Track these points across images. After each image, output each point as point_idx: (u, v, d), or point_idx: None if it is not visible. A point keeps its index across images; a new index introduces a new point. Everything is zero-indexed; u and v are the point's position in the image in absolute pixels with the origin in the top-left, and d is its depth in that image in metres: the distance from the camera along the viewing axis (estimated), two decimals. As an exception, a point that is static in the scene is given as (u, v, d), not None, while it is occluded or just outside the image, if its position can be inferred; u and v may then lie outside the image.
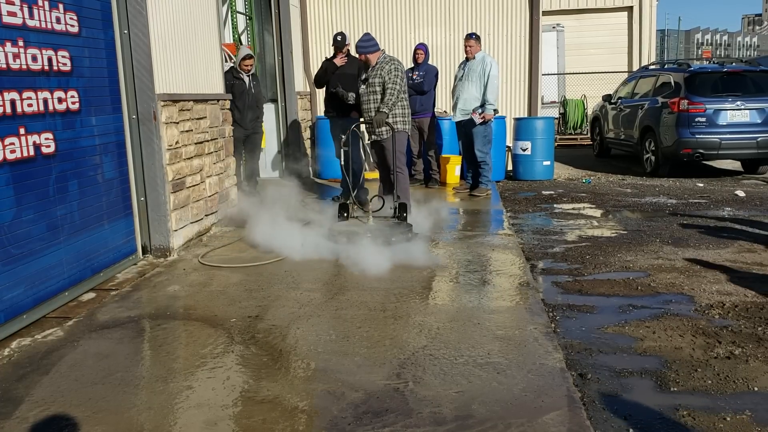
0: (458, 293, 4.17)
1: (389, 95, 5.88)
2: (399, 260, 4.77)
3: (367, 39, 6.07)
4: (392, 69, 5.94)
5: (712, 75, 9.89)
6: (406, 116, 6.13)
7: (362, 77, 6.27)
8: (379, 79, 5.99)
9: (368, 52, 6.02)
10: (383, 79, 5.96)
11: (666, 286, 4.48)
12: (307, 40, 10.55)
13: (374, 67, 6.04)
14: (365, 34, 6.17)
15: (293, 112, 9.52)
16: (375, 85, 6.03)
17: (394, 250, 4.91)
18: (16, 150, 3.65)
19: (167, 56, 5.21)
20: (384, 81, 5.95)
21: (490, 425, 2.55)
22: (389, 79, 5.91)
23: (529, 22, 10.50)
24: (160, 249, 5.17)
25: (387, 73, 5.94)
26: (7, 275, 3.60)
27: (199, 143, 5.76)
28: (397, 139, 6.05)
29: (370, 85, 6.07)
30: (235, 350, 3.35)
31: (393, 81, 5.91)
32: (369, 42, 6.04)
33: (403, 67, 6.15)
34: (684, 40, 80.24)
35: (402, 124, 6.07)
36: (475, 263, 4.89)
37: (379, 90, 6.00)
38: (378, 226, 5.31)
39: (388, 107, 5.88)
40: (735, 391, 2.97)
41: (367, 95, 6.10)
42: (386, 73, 5.95)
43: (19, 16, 3.69)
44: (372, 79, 6.05)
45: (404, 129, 6.13)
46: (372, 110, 6.05)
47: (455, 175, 8.87)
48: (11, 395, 2.91)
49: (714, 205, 7.46)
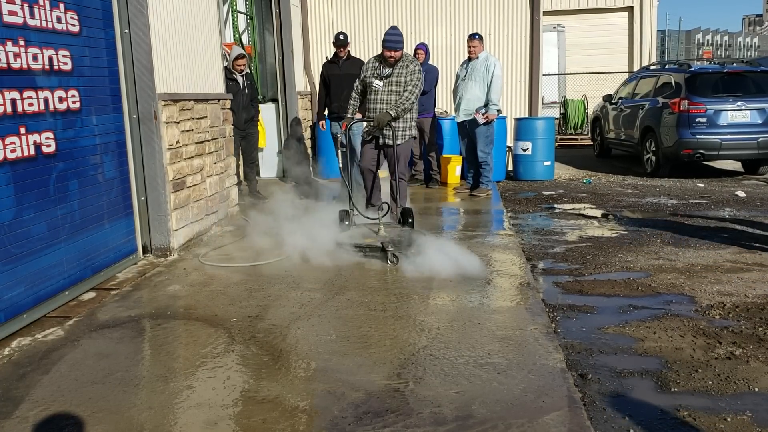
0: (458, 293, 4.17)
1: (406, 99, 5.65)
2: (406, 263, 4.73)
3: (398, 33, 5.72)
4: (416, 71, 5.73)
5: (713, 75, 9.89)
6: (414, 120, 6.02)
7: (379, 72, 5.86)
8: (403, 78, 5.70)
9: (401, 48, 5.71)
10: (406, 79, 5.69)
11: (666, 287, 4.48)
12: (308, 40, 10.55)
13: (400, 65, 5.75)
14: (393, 27, 5.82)
15: (293, 111, 9.53)
16: (399, 84, 5.74)
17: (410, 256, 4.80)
18: (16, 149, 3.65)
19: (168, 55, 5.21)
20: (406, 82, 5.69)
21: (491, 425, 2.55)
22: (411, 81, 5.67)
23: (529, 22, 10.51)
24: (161, 248, 5.16)
25: (410, 73, 5.70)
26: (7, 274, 3.60)
27: (200, 143, 5.76)
28: (408, 145, 5.96)
29: (392, 84, 5.74)
30: (236, 350, 3.35)
31: (414, 85, 5.69)
32: (397, 36, 5.70)
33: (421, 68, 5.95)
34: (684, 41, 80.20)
35: (412, 129, 5.96)
36: (474, 264, 4.88)
37: (400, 90, 5.74)
38: (392, 235, 5.13)
39: (399, 110, 5.65)
40: (735, 391, 2.97)
41: (386, 94, 5.78)
42: (410, 73, 5.70)
43: (20, 16, 3.69)
44: (396, 77, 5.74)
45: (413, 135, 6.04)
46: (386, 109, 5.76)
47: (456, 175, 8.87)
48: (11, 394, 2.91)
49: (714, 206, 7.46)
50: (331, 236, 5.24)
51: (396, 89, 5.74)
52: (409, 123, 5.89)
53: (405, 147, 5.95)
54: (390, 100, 5.77)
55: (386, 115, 5.65)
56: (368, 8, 10.86)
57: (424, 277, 4.47)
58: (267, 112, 9.31)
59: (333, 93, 7.74)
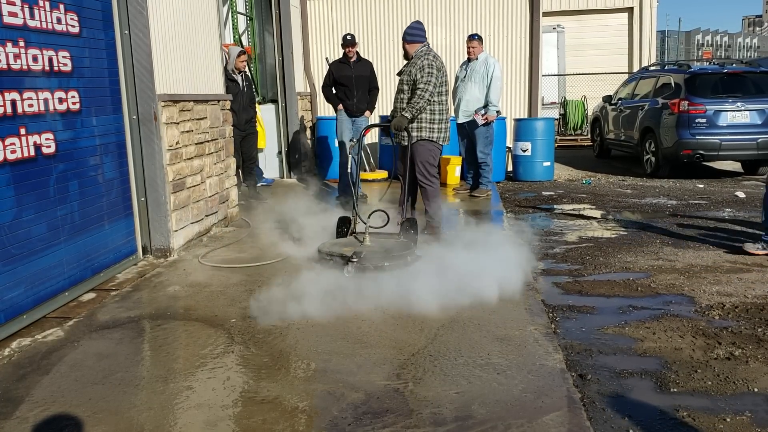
0: (458, 294, 4.17)
1: (419, 97, 5.17)
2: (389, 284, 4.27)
3: (413, 26, 5.39)
4: (425, 66, 5.21)
5: (713, 76, 9.90)
6: (435, 122, 5.35)
7: (402, 69, 5.55)
8: (409, 76, 5.32)
9: (405, 40, 5.38)
10: (414, 76, 5.26)
11: (666, 287, 4.48)
12: (308, 41, 10.56)
13: (410, 60, 5.38)
14: (415, 22, 5.49)
15: (293, 112, 9.53)
16: (403, 82, 5.36)
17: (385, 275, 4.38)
18: (16, 150, 3.65)
19: (168, 56, 5.21)
20: (415, 79, 5.26)
21: (490, 426, 2.55)
22: (420, 78, 5.20)
23: (529, 22, 10.51)
24: (161, 249, 5.17)
25: (419, 70, 5.22)
26: (7, 275, 3.60)
27: (200, 144, 5.76)
28: (422, 148, 5.37)
29: (403, 82, 5.38)
30: (235, 350, 3.35)
31: (425, 81, 5.18)
32: (412, 29, 5.36)
33: (442, 64, 5.38)
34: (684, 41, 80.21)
35: (427, 131, 5.34)
36: (474, 264, 4.87)
37: (406, 89, 5.34)
38: (373, 247, 4.73)
39: (412, 111, 5.20)
40: (735, 392, 2.97)
41: (399, 92, 5.43)
42: (417, 69, 5.23)
43: (20, 17, 3.70)
44: (406, 75, 5.35)
45: (429, 137, 5.35)
46: (398, 110, 5.38)
47: (455, 175, 8.88)
48: (11, 395, 2.91)
49: (714, 206, 7.46)
50: (330, 236, 5.24)
51: (406, 87, 5.37)
52: (421, 124, 5.33)
53: (420, 149, 5.39)
54: (401, 98, 5.40)
55: (402, 119, 5.21)
56: (368, 9, 10.86)
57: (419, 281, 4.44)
58: (267, 113, 9.32)
59: (343, 94, 7.52)
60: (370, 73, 7.56)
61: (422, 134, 5.35)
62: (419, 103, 5.20)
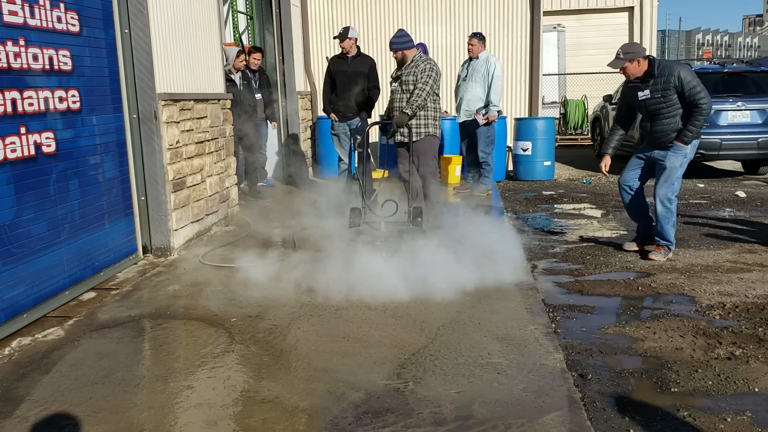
0: (459, 293, 4.16)
1: (417, 95, 5.60)
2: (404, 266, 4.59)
3: (401, 35, 5.79)
4: (426, 68, 5.69)
5: (713, 75, 9.88)
6: (437, 119, 5.87)
7: (395, 75, 5.92)
8: (413, 78, 5.72)
9: (404, 48, 5.75)
10: (417, 77, 5.70)
11: (666, 287, 4.48)
12: (308, 40, 10.55)
13: (409, 65, 5.77)
14: (399, 30, 5.90)
15: (293, 112, 9.53)
16: (409, 83, 5.73)
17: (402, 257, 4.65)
18: (16, 149, 3.65)
19: (168, 55, 5.21)
20: (416, 80, 5.69)
21: (491, 425, 2.55)
22: (421, 78, 5.66)
23: (530, 22, 10.51)
24: (161, 248, 5.17)
25: (421, 72, 5.69)
26: (7, 274, 3.60)
27: (200, 143, 5.76)
28: (428, 143, 5.80)
29: (404, 83, 5.77)
30: (236, 350, 3.35)
31: (425, 81, 5.65)
32: (404, 38, 5.76)
33: (439, 69, 5.89)
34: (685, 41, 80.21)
35: (433, 127, 5.80)
36: (475, 264, 4.87)
37: (411, 89, 5.72)
38: (390, 232, 5.10)
39: (413, 108, 5.60)
40: (735, 391, 2.97)
41: (399, 93, 5.81)
42: (420, 71, 5.70)
43: (20, 16, 3.69)
44: (406, 77, 5.76)
45: (434, 132, 5.84)
46: (396, 109, 5.79)
47: (456, 175, 8.87)
48: (12, 394, 2.91)
49: (714, 206, 7.45)
50: (330, 237, 5.24)
51: (407, 88, 5.73)
52: (425, 120, 5.75)
53: (423, 145, 5.80)
54: (403, 99, 5.76)
55: (403, 116, 5.61)
56: (368, 8, 10.86)
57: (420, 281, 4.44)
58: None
59: (339, 91, 7.46)
60: (368, 71, 7.47)
61: (428, 130, 5.78)
62: (417, 100, 5.61)
